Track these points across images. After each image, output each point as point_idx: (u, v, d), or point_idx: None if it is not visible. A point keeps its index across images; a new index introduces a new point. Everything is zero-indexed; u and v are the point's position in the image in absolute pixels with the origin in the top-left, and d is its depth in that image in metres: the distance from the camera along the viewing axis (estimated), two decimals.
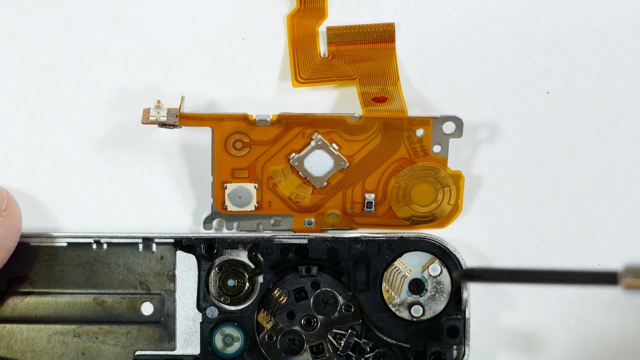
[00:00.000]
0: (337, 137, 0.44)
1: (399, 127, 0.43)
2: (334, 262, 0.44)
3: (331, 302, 0.44)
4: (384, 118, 0.43)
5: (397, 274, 0.44)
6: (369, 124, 0.43)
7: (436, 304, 0.45)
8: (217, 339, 0.44)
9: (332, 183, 0.44)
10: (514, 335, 0.45)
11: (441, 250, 0.44)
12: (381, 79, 0.44)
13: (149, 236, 0.44)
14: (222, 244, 0.44)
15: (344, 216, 0.45)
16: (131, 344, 0.45)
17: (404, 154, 0.44)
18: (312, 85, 0.44)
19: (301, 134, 0.44)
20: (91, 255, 0.45)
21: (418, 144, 0.44)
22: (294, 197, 0.44)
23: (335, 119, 0.43)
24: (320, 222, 0.44)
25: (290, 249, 0.44)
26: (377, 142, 0.44)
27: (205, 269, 0.44)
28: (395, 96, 0.43)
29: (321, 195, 0.44)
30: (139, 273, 0.45)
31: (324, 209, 0.44)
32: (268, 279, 0.44)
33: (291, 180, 0.44)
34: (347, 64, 0.44)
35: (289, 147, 0.44)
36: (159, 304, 0.45)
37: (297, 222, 0.44)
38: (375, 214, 0.45)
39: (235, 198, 0.44)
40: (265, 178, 0.44)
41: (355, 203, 0.44)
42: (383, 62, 0.44)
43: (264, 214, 0.44)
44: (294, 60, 0.44)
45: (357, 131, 0.43)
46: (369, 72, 0.44)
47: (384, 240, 0.44)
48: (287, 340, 0.45)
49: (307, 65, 0.44)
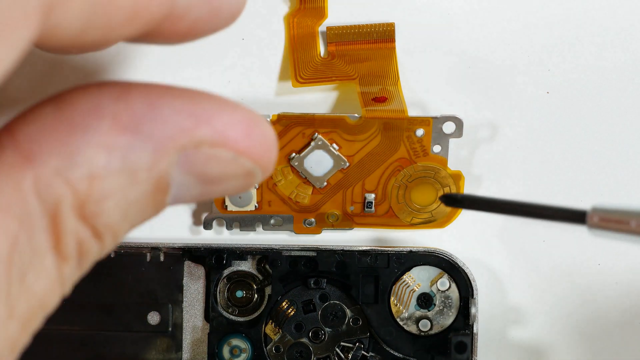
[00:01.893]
0: (337, 137, 0.44)
1: (399, 127, 0.43)
2: (343, 275, 0.44)
3: (339, 314, 0.44)
4: (384, 118, 0.43)
5: (405, 288, 0.44)
6: (369, 124, 0.43)
7: (444, 318, 0.45)
8: (224, 350, 0.44)
9: (332, 183, 0.44)
10: (522, 352, 0.45)
11: (450, 265, 0.44)
12: (381, 79, 0.44)
13: (157, 246, 0.44)
14: (231, 255, 0.44)
15: (344, 216, 0.44)
16: (138, 354, 0.45)
17: (404, 154, 0.44)
18: (312, 85, 0.44)
19: (301, 134, 0.44)
20: (99, 264, 0.44)
21: (418, 144, 0.44)
22: (294, 197, 0.44)
23: (335, 119, 0.43)
24: (320, 222, 0.44)
25: (299, 261, 0.44)
26: (377, 142, 0.44)
27: (213, 279, 0.44)
28: (395, 96, 0.43)
29: (321, 195, 0.44)
30: (146, 283, 0.45)
31: (324, 209, 0.44)
32: (276, 290, 0.44)
33: (291, 180, 0.44)
34: (347, 64, 0.44)
35: (289, 147, 0.44)
36: (166, 313, 0.45)
37: (297, 222, 0.44)
38: (375, 214, 0.45)
39: (235, 198, 0.44)
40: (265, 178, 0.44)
41: (355, 203, 0.44)
42: (383, 62, 0.44)
43: (264, 213, 0.44)
44: (293, 60, 0.44)
45: (357, 131, 0.43)
46: (369, 72, 0.44)
47: (393, 254, 0.44)
48: (294, 352, 0.44)
49: (307, 65, 0.44)
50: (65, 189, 0.27)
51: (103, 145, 0.27)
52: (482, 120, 0.45)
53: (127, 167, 0.28)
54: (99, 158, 0.27)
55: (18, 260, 0.27)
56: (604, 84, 0.45)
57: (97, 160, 0.27)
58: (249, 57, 0.44)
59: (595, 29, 0.45)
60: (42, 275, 0.27)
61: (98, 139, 0.27)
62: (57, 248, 0.28)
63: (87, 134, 0.27)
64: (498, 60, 0.45)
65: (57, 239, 0.28)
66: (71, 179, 0.27)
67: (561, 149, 0.45)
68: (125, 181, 0.28)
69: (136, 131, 0.28)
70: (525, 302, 0.45)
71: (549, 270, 0.45)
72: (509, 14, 0.45)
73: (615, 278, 0.45)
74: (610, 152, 0.45)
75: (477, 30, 0.45)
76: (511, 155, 0.45)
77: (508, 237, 0.45)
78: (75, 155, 0.27)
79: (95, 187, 0.27)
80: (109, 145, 0.27)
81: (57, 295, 0.29)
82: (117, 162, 0.28)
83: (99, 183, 0.27)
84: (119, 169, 0.28)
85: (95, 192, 0.27)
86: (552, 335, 0.45)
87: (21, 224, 0.26)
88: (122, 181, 0.28)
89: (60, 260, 0.28)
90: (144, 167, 0.28)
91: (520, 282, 0.45)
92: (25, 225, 0.26)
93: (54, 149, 0.27)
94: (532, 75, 0.45)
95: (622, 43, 0.45)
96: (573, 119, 0.45)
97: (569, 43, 0.45)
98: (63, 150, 0.27)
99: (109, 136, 0.27)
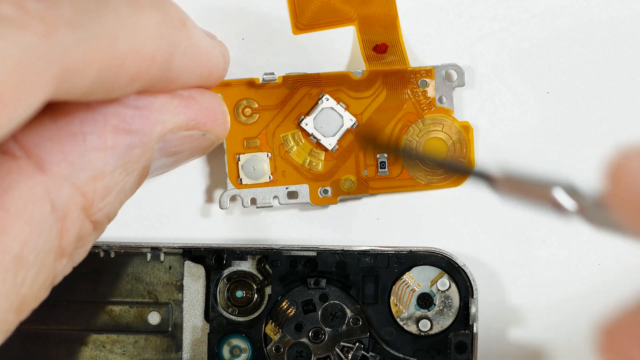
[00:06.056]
0: (344, 95, 0.44)
1: (402, 79, 0.44)
2: (343, 275, 0.44)
3: (339, 315, 0.44)
4: (387, 70, 0.44)
5: (405, 287, 0.44)
6: (373, 77, 0.44)
7: (444, 318, 0.44)
8: (224, 350, 0.44)
9: (344, 146, 0.44)
10: (522, 352, 0.45)
11: (450, 265, 0.44)
12: (380, 21, 0.44)
13: (157, 246, 0.44)
14: (231, 255, 0.44)
15: (359, 181, 0.45)
16: (138, 354, 0.45)
17: (411, 108, 0.44)
18: (312, 31, 0.44)
19: (308, 95, 0.44)
20: (99, 264, 0.44)
21: (423, 96, 0.44)
22: (307, 165, 0.44)
23: (339, 75, 0.44)
24: (336, 189, 0.44)
25: (299, 261, 0.44)
26: (382, 97, 0.44)
27: (213, 279, 0.44)
28: (396, 43, 0.44)
29: (334, 160, 0.45)
30: (147, 282, 0.45)
31: (338, 174, 0.45)
32: (276, 290, 0.44)
33: (303, 146, 0.44)
34: (345, 4, 0.44)
35: (297, 110, 0.44)
36: (166, 313, 0.45)
37: (312, 192, 0.44)
38: (390, 175, 0.45)
39: (249, 170, 0.44)
40: (277, 145, 0.44)
41: (368, 166, 0.45)
42: (381, 2, 0.44)
43: (279, 185, 0.44)
44: (293, 5, 0.44)
45: (362, 87, 0.44)
46: (368, 12, 0.44)
47: (392, 254, 0.44)
48: (294, 352, 0.44)
49: (306, 8, 0.44)
50: (74, 193, 0.31)
51: (102, 147, 0.31)
52: (482, 119, 0.45)
53: (123, 162, 0.32)
54: (99, 159, 0.31)
55: (26, 259, 0.29)
56: (604, 84, 0.45)
57: (98, 162, 0.31)
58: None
59: (595, 29, 0.45)
60: (42, 272, 0.30)
61: (97, 142, 0.31)
62: (60, 246, 0.31)
63: (86, 140, 0.31)
64: (498, 60, 0.45)
65: (62, 238, 0.31)
66: (78, 183, 0.31)
67: (561, 149, 0.45)
68: (122, 174, 0.32)
69: (128, 131, 0.32)
70: (525, 302, 0.45)
71: (549, 270, 0.45)
72: (508, 14, 0.45)
73: (615, 278, 0.45)
74: (611, 151, 0.45)
75: (477, 30, 0.45)
76: (511, 156, 0.45)
77: (508, 238, 0.45)
78: (79, 160, 0.30)
79: (99, 185, 0.31)
80: (107, 146, 0.31)
81: (49, 289, 0.32)
82: (115, 160, 0.31)
83: (101, 181, 0.31)
84: (117, 165, 0.32)
85: (99, 190, 0.31)
86: (552, 335, 0.45)
87: (32, 227, 0.29)
88: (120, 175, 0.32)
89: (59, 256, 0.31)
90: (136, 159, 0.32)
91: (520, 282, 0.45)
92: (36, 228, 0.29)
93: (61, 157, 0.30)
94: (532, 75, 0.45)
95: (623, 43, 0.45)
96: (573, 119, 0.45)
97: (569, 43, 0.45)
98: (69, 158, 0.30)
99: (105, 138, 0.31)
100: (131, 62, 0.30)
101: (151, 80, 0.32)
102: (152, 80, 0.32)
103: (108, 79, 0.30)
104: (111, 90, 0.30)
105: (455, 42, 0.45)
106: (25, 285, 0.30)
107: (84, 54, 0.28)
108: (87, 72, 0.28)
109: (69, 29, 0.28)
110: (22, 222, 0.29)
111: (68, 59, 0.27)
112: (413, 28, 0.45)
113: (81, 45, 0.28)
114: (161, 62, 0.32)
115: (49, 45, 0.27)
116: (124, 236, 0.45)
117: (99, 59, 0.29)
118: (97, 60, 0.28)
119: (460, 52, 0.45)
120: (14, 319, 0.30)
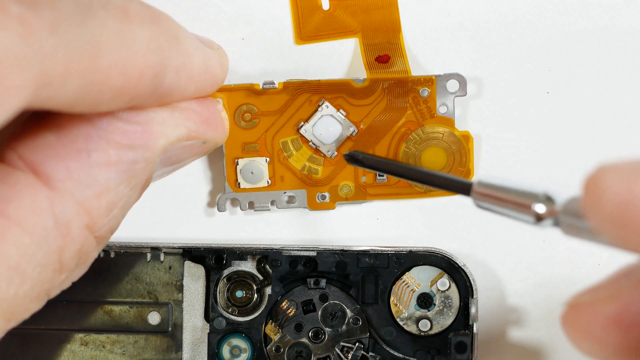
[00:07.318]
0: (344, 102, 0.44)
1: (403, 87, 0.44)
2: (343, 275, 0.44)
3: (339, 315, 0.44)
4: (388, 79, 0.43)
5: (405, 287, 0.44)
6: (374, 86, 0.44)
7: (444, 318, 0.44)
8: (224, 350, 0.44)
9: (343, 153, 0.44)
10: (522, 352, 0.45)
11: (450, 265, 0.44)
12: (383, 32, 0.44)
13: (157, 246, 0.44)
14: (231, 255, 0.44)
15: (357, 188, 0.45)
16: (138, 354, 0.45)
17: (411, 117, 0.44)
18: (315, 42, 0.44)
19: (308, 102, 0.44)
20: (99, 264, 0.44)
21: (424, 105, 0.44)
22: (306, 171, 0.44)
23: (340, 83, 0.44)
24: (334, 195, 0.44)
25: (299, 261, 0.44)
26: (383, 105, 0.44)
27: (213, 279, 0.44)
28: (398, 53, 0.43)
29: (333, 166, 0.44)
30: (147, 283, 0.45)
31: (336, 181, 0.45)
32: (276, 290, 0.44)
33: (302, 152, 0.44)
34: (349, 15, 0.44)
35: (297, 116, 0.44)
36: (166, 313, 0.45)
37: (310, 198, 0.44)
38: (388, 182, 0.45)
39: (247, 174, 0.44)
40: (275, 151, 0.44)
41: (367, 173, 0.45)
42: (384, 11, 0.44)
43: (277, 190, 0.44)
44: (296, 14, 0.44)
45: (362, 95, 0.44)
46: (371, 23, 0.44)
47: (392, 254, 0.44)
48: (294, 352, 0.44)
49: (309, 19, 0.44)
50: (79, 210, 0.30)
51: (106, 163, 0.31)
52: (481, 119, 0.45)
53: (127, 177, 0.32)
54: (104, 175, 0.31)
55: (23, 270, 0.29)
56: (604, 84, 0.45)
57: (102, 178, 0.31)
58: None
59: (595, 29, 0.45)
60: (38, 284, 0.30)
61: (101, 159, 0.31)
62: (60, 261, 0.31)
63: (91, 156, 0.31)
64: (498, 60, 0.45)
65: (62, 254, 0.30)
66: (83, 200, 0.30)
67: (561, 149, 0.45)
68: (126, 189, 0.32)
69: (131, 146, 0.32)
70: (525, 302, 0.45)
71: (549, 270, 0.45)
72: (508, 13, 0.45)
73: None
74: (611, 151, 0.45)
75: (476, 30, 0.45)
76: (511, 156, 0.45)
77: (508, 237, 0.45)
78: (84, 177, 0.30)
79: (104, 202, 0.31)
80: (111, 163, 0.31)
81: (44, 301, 0.31)
82: (119, 175, 0.31)
83: (106, 197, 0.31)
84: (121, 180, 0.31)
85: (104, 206, 0.31)
86: (552, 335, 0.45)
87: (32, 239, 0.29)
88: (124, 189, 0.32)
89: (58, 272, 0.31)
90: (139, 173, 0.32)
91: (521, 282, 0.45)
92: (36, 240, 0.29)
93: (66, 174, 0.30)
94: (532, 75, 0.45)
95: (623, 43, 0.45)
96: (573, 119, 0.45)
97: (569, 43, 0.45)
98: (74, 175, 0.30)
99: (109, 155, 0.31)
100: (117, 76, 0.29)
101: (139, 97, 0.31)
102: (140, 97, 0.32)
103: (92, 91, 0.29)
104: (97, 103, 0.30)
105: (458, 50, 0.45)
106: (19, 295, 0.29)
107: (64, 61, 0.27)
108: (68, 81, 0.28)
109: (49, 34, 0.27)
110: (23, 232, 0.29)
111: (47, 63, 0.27)
112: (415, 36, 0.45)
113: (61, 51, 0.27)
114: (150, 79, 0.31)
115: (27, 47, 0.26)
116: (124, 236, 0.45)
117: (80, 69, 0.28)
118: (78, 70, 0.28)
119: (463, 60, 0.45)
120: (2, 325, 0.30)
